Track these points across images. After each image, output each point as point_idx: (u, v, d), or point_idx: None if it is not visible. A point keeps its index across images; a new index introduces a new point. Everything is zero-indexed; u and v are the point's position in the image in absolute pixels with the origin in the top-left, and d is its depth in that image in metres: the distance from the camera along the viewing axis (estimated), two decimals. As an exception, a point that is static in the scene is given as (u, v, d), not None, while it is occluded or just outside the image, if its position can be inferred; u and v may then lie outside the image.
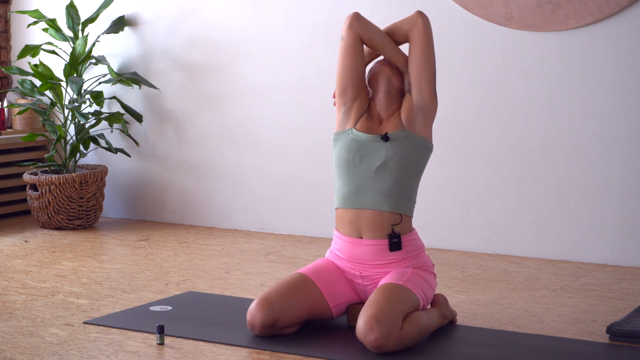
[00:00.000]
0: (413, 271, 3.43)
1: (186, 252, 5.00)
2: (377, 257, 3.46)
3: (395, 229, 3.44)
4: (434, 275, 3.53)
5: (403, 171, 3.45)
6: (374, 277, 3.48)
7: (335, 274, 3.52)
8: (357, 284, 3.52)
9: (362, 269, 3.49)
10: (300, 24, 5.36)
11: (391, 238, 3.43)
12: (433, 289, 3.50)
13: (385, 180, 3.44)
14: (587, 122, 4.69)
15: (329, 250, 3.61)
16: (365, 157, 3.46)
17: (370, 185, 3.45)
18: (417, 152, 3.49)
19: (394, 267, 3.46)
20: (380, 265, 3.46)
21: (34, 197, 5.58)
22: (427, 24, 3.52)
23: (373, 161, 3.45)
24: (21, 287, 4.20)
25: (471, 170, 4.96)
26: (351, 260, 3.50)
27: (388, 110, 3.53)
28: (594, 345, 3.38)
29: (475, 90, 4.92)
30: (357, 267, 3.49)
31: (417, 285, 3.39)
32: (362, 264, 3.48)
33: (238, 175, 5.64)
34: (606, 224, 4.69)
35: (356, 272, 3.50)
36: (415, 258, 3.49)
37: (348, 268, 3.52)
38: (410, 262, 3.47)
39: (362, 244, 3.47)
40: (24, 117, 6.04)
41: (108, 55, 5.93)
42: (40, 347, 3.30)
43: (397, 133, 3.46)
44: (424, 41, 3.49)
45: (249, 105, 5.56)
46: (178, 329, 3.51)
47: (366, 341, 3.20)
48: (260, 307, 3.37)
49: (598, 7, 4.58)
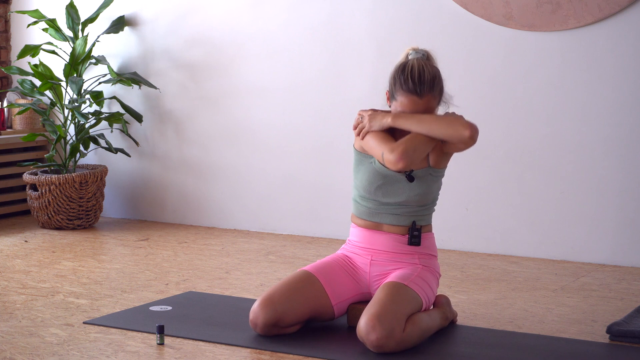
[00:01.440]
0: (422, 270, 3.44)
1: (186, 252, 5.00)
2: (395, 247, 3.47)
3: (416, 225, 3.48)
4: (437, 282, 3.54)
5: (423, 202, 3.50)
6: (384, 268, 3.48)
7: (340, 269, 3.51)
8: (364, 274, 3.51)
9: (375, 255, 3.49)
10: (300, 24, 5.36)
11: (412, 230, 3.45)
12: (435, 293, 3.51)
13: (404, 209, 3.48)
14: (588, 122, 4.69)
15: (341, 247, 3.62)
16: (388, 193, 3.46)
17: (389, 211, 3.48)
18: (439, 184, 3.54)
19: (407, 260, 3.46)
20: (395, 254, 3.46)
21: (34, 197, 5.58)
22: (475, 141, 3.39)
23: (395, 196, 3.46)
24: (21, 287, 4.20)
25: (471, 170, 4.96)
26: (366, 246, 3.51)
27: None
28: (594, 345, 3.38)
29: (475, 90, 4.92)
30: (370, 253, 3.50)
31: (421, 287, 3.39)
32: (376, 250, 3.48)
33: (238, 175, 5.64)
34: (606, 224, 4.69)
35: (367, 258, 3.50)
36: (429, 258, 3.50)
37: (360, 254, 3.52)
38: (424, 259, 3.47)
39: (382, 234, 3.48)
40: (24, 117, 6.04)
41: (108, 55, 5.93)
42: (40, 347, 3.30)
43: (422, 172, 3.46)
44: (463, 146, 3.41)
45: (249, 105, 5.56)
46: (178, 329, 3.51)
47: (367, 340, 3.19)
48: (263, 306, 3.37)
49: (598, 7, 4.58)
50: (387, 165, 3.37)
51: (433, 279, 3.48)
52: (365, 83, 5.18)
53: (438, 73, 3.45)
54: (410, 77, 3.37)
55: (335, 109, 5.28)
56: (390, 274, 3.46)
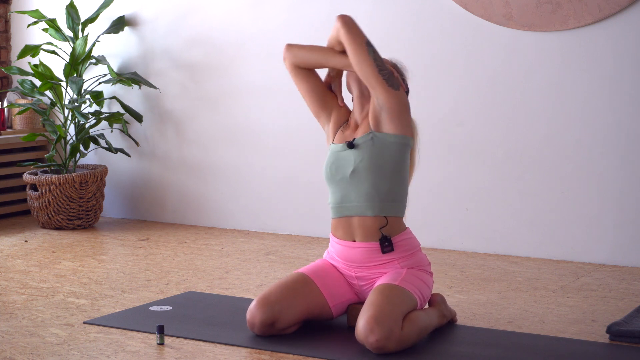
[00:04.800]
0: (408, 271, 3.43)
1: (186, 252, 5.00)
2: (371, 259, 3.46)
3: (383, 232, 3.44)
4: (430, 274, 3.53)
5: (378, 174, 3.44)
6: (369, 277, 3.48)
7: (334, 273, 3.52)
8: (354, 285, 3.52)
9: (357, 270, 3.49)
10: (300, 24, 5.36)
11: (382, 242, 3.43)
12: (430, 288, 3.50)
13: (362, 185, 3.44)
14: (587, 122, 4.69)
15: (326, 252, 3.62)
16: (339, 167, 3.49)
17: (351, 193, 3.47)
18: (390, 150, 3.45)
19: (389, 267, 3.46)
20: (375, 266, 3.47)
21: (34, 197, 5.58)
22: (346, 24, 3.46)
23: (345, 169, 3.47)
24: (21, 287, 4.20)
25: (471, 170, 4.96)
26: (346, 262, 3.51)
27: (362, 112, 3.56)
28: (594, 345, 3.38)
29: (475, 90, 4.92)
30: (352, 268, 3.50)
31: (413, 285, 3.39)
32: (356, 266, 3.49)
33: (238, 175, 5.64)
34: (606, 224, 4.69)
35: (352, 272, 3.51)
36: (410, 257, 3.48)
37: (344, 269, 3.53)
38: (405, 261, 3.46)
39: (356, 247, 3.47)
40: (24, 117, 6.04)
41: (108, 55, 5.93)
42: (40, 347, 3.30)
43: (363, 137, 3.47)
44: (349, 43, 3.45)
45: (249, 105, 5.56)
46: (178, 329, 3.51)
47: (367, 342, 3.19)
48: (260, 307, 3.37)
49: (598, 7, 4.58)
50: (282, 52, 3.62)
51: (423, 274, 3.47)
52: (365, 83, 5.18)
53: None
54: None
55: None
56: (378, 278, 3.47)
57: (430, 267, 3.54)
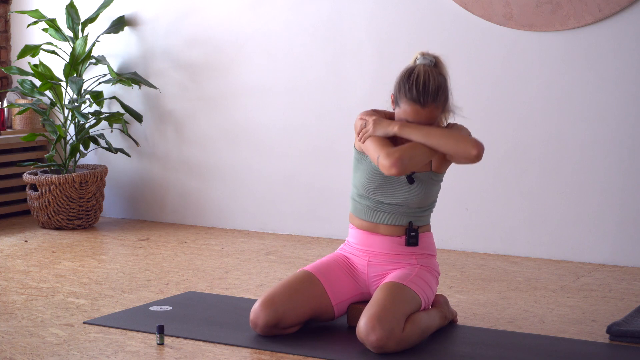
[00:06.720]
0: (420, 269, 3.44)
1: (186, 252, 5.00)
2: (392, 248, 3.47)
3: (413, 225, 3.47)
4: (437, 280, 3.54)
5: (421, 205, 3.50)
6: (382, 269, 3.48)
7: (339, 269, 3.51)
8: (362, 275, 3.51)
9: (372, 257, 3.49)
10: (300, 24, 5.36)
11: (409, 232, 3.44)
12: (434, 292, 3.51)
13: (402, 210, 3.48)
14: (587, 122, 4.69)
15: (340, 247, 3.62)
16: (385, 194, 3.46)
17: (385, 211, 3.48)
18: (438, 187, 3.54)
19: (404, 261, 3.46)
20: (392, 255, 3.46)
21: (33, 197, 5.58)
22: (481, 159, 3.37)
23: (393, 197, 3.46)
24: (21, 287, 4.20)
25: (471, 170, 4.96)
26: (363, 246, 3.50)
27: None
28: (594, 345, 3.38)
29: (475, 90, 4.92)
30: (367, 254, 3.50)
31: (420, 287, 3.39)
32: (373, 252, 3.49)
33: (238, 175, 5.63)
34: (606, 224, 4.69)
35: (365, 259, 3.50)
36: (427, 258, 3.51)
37: (358, 255, 3.52)
38: (422, 259, 3.47)
39: (379, 236, 3.49)
40: (24, 117, 6.04)
41: (108, 55, 5.93)
42: (40, 347, 3.30)
43: (424, 175, 3.47)
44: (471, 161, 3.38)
45: (249, 105, 5.56)
46: (178, 329, 3.51)
47: (367, 341, 3.19)
48: (264, 307, 3.37)
49: (598, 7, 4.58)
50: (380, 169, 3.36)
51: (432, 279, 3.48)
52: (365, 83, 5.18)
53: (444, 83, 3.41)
54: (415, 86, 3.35)
55: (336, 109, 5.28)
56: (388, 274, 3.46)
57: (439, 275, 3.56)
